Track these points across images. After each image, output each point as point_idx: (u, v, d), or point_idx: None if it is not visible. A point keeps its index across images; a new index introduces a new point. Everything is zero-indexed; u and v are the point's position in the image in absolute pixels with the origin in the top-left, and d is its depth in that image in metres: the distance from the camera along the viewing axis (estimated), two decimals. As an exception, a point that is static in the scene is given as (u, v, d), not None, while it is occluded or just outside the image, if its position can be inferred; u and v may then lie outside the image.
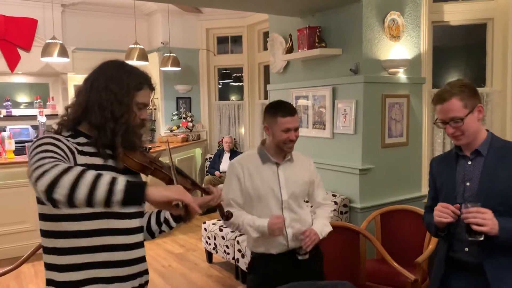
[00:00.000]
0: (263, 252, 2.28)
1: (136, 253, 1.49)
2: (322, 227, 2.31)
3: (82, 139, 1.43)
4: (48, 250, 1.41)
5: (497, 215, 1.63)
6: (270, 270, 2.26)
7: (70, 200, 1.16)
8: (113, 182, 1.18)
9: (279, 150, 2.27)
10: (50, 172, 1.16)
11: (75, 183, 1.15)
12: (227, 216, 1.84)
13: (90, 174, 1.18)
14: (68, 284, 1.38)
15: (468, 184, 1.80)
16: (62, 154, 1.31)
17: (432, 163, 2.03)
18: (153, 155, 1.60)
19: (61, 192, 1.14)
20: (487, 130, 1.84)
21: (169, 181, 1.51)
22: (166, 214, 1.65)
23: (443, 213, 1.75)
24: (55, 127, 1.47)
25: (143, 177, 1.58)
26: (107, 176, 1.19)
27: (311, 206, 2.50)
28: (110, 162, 1.44)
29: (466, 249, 1.80)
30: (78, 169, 1.19)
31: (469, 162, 1.82)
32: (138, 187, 1.22)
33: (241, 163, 2.30)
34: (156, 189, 1.24)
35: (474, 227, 1.60)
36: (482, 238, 1.62)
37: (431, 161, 2.06)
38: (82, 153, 1.40)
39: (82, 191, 1.15)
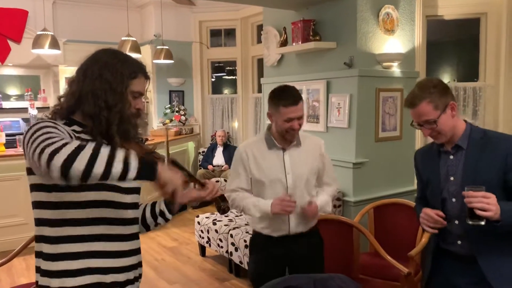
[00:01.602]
0: (265, 234, 2.29)
1: (132, 244, 1.49)
2: (324, 204, 2.30)
3: (76, 128, 1.42)
4: (42, 239, 1.39)
5: None
6: (271, 251, 2.28)
7: (87, 176, 1.16)
8: (127, 159, 1.21)
9: (285, 138, 2.24)
10: (65, 148, 1.16)
11: (92, 160, 1.16)
12: (223, 210, 1.83)
13: (105, 151, 1.19)
14: (63, 273, 1.36)
15: (452, 178, 1.81)
16: (66, 135, 1.30)
17: (416, 156, 2.03)
18: (150, 146, 1.57)
19: (78, 168, 1.15)
20: (466, 121, 1.83)
21: None
22: (161, 206, 1.64)
23: (428, 221, 1.76)
24: (49, 115, 1.44)
25: None
26: (121, 153, 1.21)
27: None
28: None
29: (459, 242, 1.82)
30: (92, 145, 1.19)
31: (451, 157, 1.82)
32: (150, 166, 1.26)
33: (246, 149, 2.28)
34: (166, 170, 1.29)
35: (478, 212, 1.56)
36: (483, 223, 1.58)
37: (415, 153, 2.06)
38: (79, 139, 1.37)
39: (99, 168, 1.17)
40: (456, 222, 1.79)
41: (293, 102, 2.14)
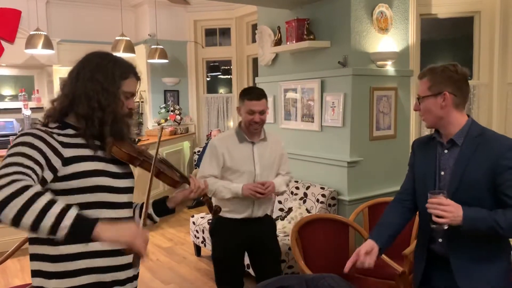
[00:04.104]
0: (229, 217, 2.61)
1: None
2: (280, 184, 2.67)
3: (70, 131, 1.43)
4: (38, 241, 1.39)
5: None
6: (233, 232, 2.62)
7: (15, 224, 1.15)
8: (61, 216, 1.16)
9: (250, 131, 2.58)
10: (3, 191, 1.14)
11: (24, 209, 1.13)
12: (215, 211, 1.84)
13: (42, 202, 1.15)
14: (61, 274, 1.37)
15: (442, 173, 1.80)
16: (37, 157, 1.28)
17: (414, 144, 2.03)
18: (142, 147, 1.62)
19: (7, 215, 1.13)
20: (469, 116, 1.81)
21: (158, 173, 1.57)
22: (149, 210, 1.67)
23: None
24: (42, 119, 1.46)
25: (131, 167, 1.59)
26: (58, 207, 1.17)
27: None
28: (99, 153, 1.45)
29: (440, 240, 1.82)
30: (32, 192, 1.16)
31: (446, 151, 1.81)
32: (86, 225, 1.19)
33: (220, 142, 2.61)
34: (108, 228, 1.21)
35: (434, 218, 1.63)
36: (446, 227, 1.64)
37: (413, 142, 2.06)
38: (68, 145, 1.39)
39: (28, 219, 1.13)
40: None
41: (256, 98, 2.51)
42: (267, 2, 4.15)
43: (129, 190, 1.55)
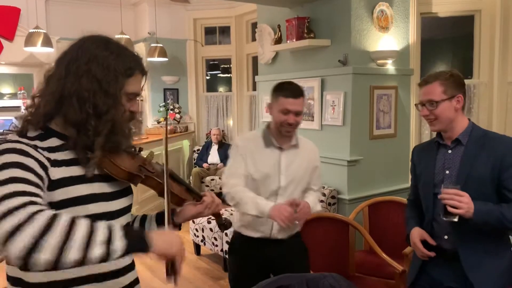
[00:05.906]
0: (246, 235, 2.23)
1: (126, 261, 1.30)
2: (315, 203, 2.23)
3: (54, 141, 1.15)
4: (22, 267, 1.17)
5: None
6: (251, 252, 2.22)
7: (56, 266, 0.93)
8: (109, 240, 0.97)
9: (281, 134, 2.17)
10: (25, 230, 0.89)
11: (62, 246, 0.91)
12: (225, 226, 1.71)
13: (81, 229, 0.95)
14: (51, 285, 1.15)
15: (447, 172, 1.85)
16: (34, 179, 1.03)
17: (414, 150, 2.10)
18: (144, 155, 1.37)
19: (44, 259, 0.90)
20: (469, 120, 1.89)
21: (162, 191, 1.32)
22: (152, 225, 1.47)
23: (419, 251, 1.88)
24: (20, 125, 1.16)
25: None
26: (102, 230, 0.97)
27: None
28: (92, 170, 1.20)
29: (446, 237, 1.85)
30: (63, 222, 0.94)
31: (449, 151, 1.87)
32: (138, 242, 1.03)
33: (244, 143, 2.24)
34: (158, 240, 1.06)
35: (449, 209, 1.66)
36: (456, 220, 1.68)
37: (413, 148, 2.13)
38: (56, 163, 1.12)
39: (71, 256, 0.92)
40: None
41: (293, 95, 2.11)
42: (267, 0, 4.13)
43: (126, 210, 1.29)
